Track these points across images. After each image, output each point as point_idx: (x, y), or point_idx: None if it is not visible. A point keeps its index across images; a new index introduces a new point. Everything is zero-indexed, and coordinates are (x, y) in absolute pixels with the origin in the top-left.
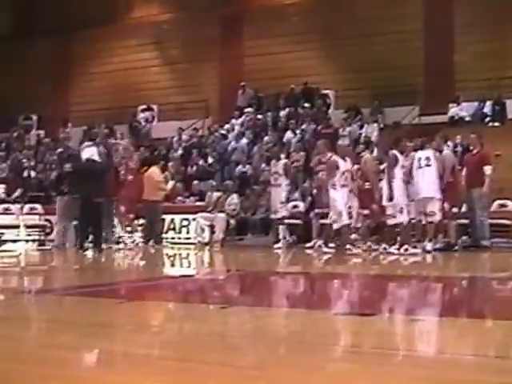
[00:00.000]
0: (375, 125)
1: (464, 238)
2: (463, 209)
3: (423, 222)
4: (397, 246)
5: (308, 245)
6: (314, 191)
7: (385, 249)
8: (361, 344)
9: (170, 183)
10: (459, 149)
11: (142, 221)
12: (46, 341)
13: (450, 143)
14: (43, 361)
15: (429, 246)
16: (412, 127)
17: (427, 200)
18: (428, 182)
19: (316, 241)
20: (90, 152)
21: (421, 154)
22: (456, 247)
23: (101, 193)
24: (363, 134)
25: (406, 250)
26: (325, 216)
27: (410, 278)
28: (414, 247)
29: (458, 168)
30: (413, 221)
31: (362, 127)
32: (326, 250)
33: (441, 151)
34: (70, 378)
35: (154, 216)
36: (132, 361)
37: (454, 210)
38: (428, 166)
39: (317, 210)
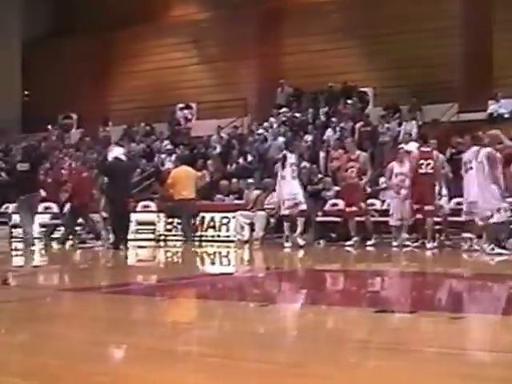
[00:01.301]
0: (414, 122)
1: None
2: None
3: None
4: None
5: (348, 243)
6: (344, 190)
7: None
8: (402, 342)
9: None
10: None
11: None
12: (89, 338)
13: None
14: (88, 358)
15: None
16: (451, 124)
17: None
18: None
19: (356, 239)
20: (117, 151)
21: (466, 156)
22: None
23: (128, 192)
24: (402, 132)
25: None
26: (360, 214)
27: (452, 275)
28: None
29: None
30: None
31: (400, 125)
32: (498, 250)
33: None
34: (115, 375)
35: (193, 213)
36: (174, 357)
37: None
38: (471, 168)
39: (347, 209)
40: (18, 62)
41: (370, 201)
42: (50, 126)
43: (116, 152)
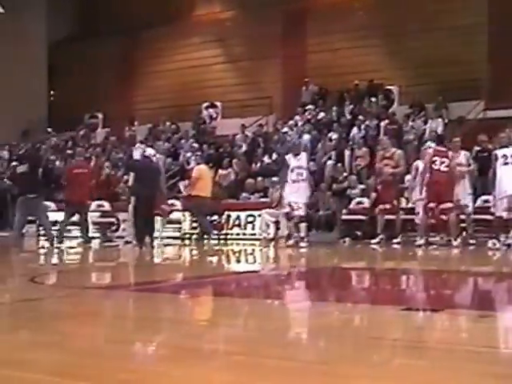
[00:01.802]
0: (440, 120)
1: None
2: None
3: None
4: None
5: (374, 241)
6: (379, 187)
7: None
8: (427, 340)
9: None
10: None
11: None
12: (116, 336)
13: None
14: (112, 355)
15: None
16: (477, 122)
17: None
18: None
19: (382, 237)
20: (149, 152)
21: (506, 151)
22: None
23: (155, 191)
24: (428, 130)
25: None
26: (392, 211)
27: (480, 273)
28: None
29: None
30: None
31: (426, 123)
32: None
33: None
34: (142, 373)
35: (217, 212)
36: (199, 355)
37: None
38: None
39: (381, 206)
40: (44, 63)
41: None
42: (50, 129)
43: (148, 152)
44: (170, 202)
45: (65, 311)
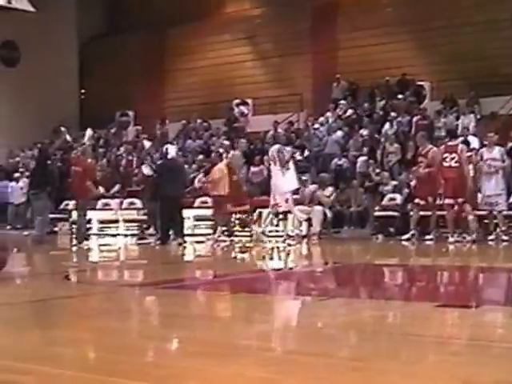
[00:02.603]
0: (472, 115)
1: None
2: None
3: None
4: None
5: (405, 237)
6: (413, 182)
7: None
8: (461, 336)
9: None
10: None
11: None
12: (148, 332)
13: None
14: (147, 352)
15: None
16: (509, 117)
17: None
18: None
19: (413, 232)
20: (172, 150)
21: None
22: None
23: (181, 190)
24: (460, 126)
25: None
26: (426, 208)
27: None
28: None
29: None
30: None
31: (458, 118)
32: None
33: None
34: (175, 368)
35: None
36: (235, 352)
37: None
38: None
39: (416, 200)
40: (75, 62)
41: None
42: (62, 128)
43: (171, 153)
44: (201, 199)
45: (97, 308)
